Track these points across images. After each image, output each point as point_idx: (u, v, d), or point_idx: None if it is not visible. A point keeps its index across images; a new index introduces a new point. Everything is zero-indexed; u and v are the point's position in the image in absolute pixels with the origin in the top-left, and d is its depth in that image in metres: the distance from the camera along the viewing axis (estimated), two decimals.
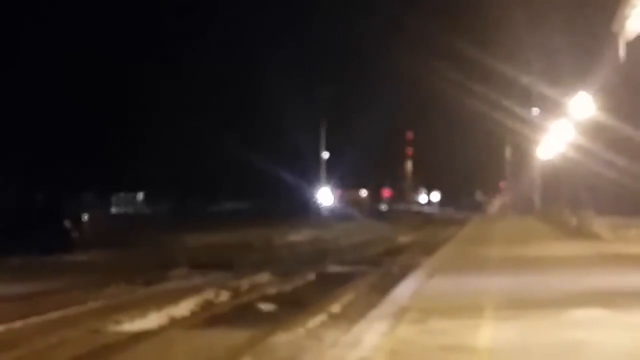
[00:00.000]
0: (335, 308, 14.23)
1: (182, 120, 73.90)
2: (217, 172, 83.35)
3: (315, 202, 76.65)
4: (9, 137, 55.95)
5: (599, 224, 30.69)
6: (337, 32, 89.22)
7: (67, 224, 29.98)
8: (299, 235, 39.39)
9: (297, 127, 78.89)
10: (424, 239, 36.34)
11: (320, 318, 13.05)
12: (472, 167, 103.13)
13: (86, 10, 59.12)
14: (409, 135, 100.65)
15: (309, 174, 77.63)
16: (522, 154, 69.75)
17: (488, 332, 9.41)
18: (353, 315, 12.82)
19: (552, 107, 37.81)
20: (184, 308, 14.44)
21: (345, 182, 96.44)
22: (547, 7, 38.58)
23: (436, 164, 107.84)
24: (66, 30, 57.84)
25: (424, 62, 63.37)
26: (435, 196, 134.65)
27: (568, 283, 14.18)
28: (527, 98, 48.73)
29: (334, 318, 13.16)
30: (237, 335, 11.75)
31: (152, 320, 13.21)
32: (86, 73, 60.76)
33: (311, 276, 20.03)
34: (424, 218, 69.67)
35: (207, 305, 15.05)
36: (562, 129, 34.51)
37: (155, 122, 71.52)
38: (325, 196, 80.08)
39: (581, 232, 30.75)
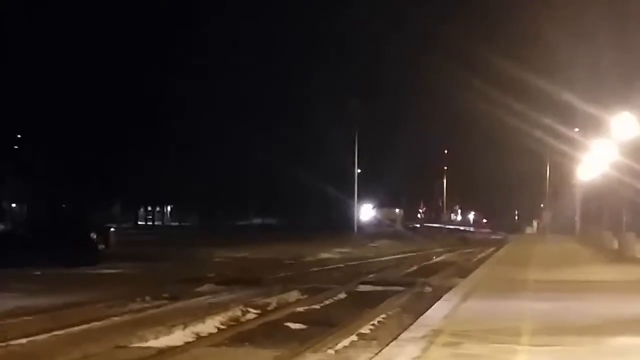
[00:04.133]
0: (366, 329, 13.95)
1: (211, 133, 74.21)
2: (246, 186, 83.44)
3: (348, 219, 76.26)
4: (38, 149, 56.42)
5: None
6: (371, 48, 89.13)
7: (94, 236, 29.95)
8: (330, 253, 39.10)
9: (332, 142, 78.83)
10: (458, 260, 35.91)
11: (350, 339, 12.79)
12: (510, 187, 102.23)
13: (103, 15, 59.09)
14: (445, 152, 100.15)
15: (343, 190, 77.31)
16: (563, 173, 68.94)
17: (524, 359, 9.19)
18: (384, 336, 12.67)
19: (594, 126, 37.23)
20: (210, 325, 14.23)
21: (380, 199, 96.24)
22: (591, 21, 38.05)
23: (473, 183, 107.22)
24: (91, 37, 58.05)
25: (461, 78, 62.94)
26: (471, 215, 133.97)
27: (608, 309, 13.88)
28: (569, 116, 48.09)
29: (364, 339, 12.90)
30: (264, 355, 11.53)
31: (178, 336, 13.03)
32: (115, 84, 61.01)
33: (342, 295, 19.71)
34: (459, 237, 69.02)
35: (234, 322, 14.84)
36: (605, 148, 33.89)
37: (184, 135, 71.86)
38: (358, 213, 79.63)
39: (623, 256, 30.17)
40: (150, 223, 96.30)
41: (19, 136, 60.63)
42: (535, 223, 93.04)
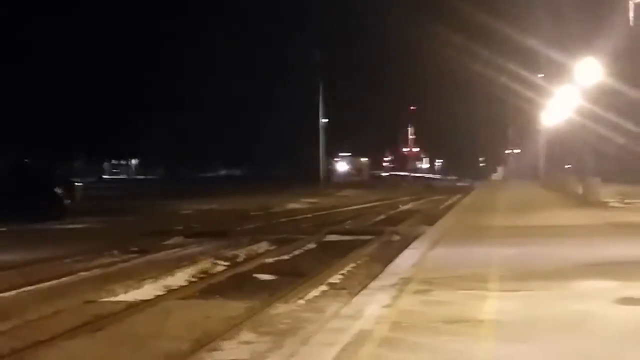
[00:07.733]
0: (335, 278, 13.99)
1: (178, 86, 73.86)
2: (214, 137, 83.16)
3: (315, 170, 76.38)
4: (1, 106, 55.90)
5: (606, 192, 30.36)
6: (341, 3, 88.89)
7: (59, 190, 29.62)
8: (298, 203, 39.11)
9: (298, 94, 78.66)
10: (425, 207, 36.11)
11: (320, 289, 12.83)
12: (476, 134, 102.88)
13: None
14: (411, 103, 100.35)
15: (310, 141, 77.32)
16: (528, 120, 69.43)
17: (493, 304, 9.24)
18: (354, 286, 12.74)
19: (558, 72, 37.39)
20: (179, 278, 14.24)
21: (347, 149, 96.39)
22: None
23: (439, 132, 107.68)
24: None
25: (429, 28, 62.89)
26: (438, 164, 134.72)
27: (574, 253, 14.00)
28: (533, 62, 48.26)
29: (335, 289, 12.93)
30: (234, 306, 11.48)
31: (147, 290, 13.03)
32: (83, 42, 60.45)
33: (310, 245, 19.75)
34: (425, 185, 69.42)
35: (204, 274, 14.83)
36: (569, 94, 34.06)
37: (151, 89, 71.47)
38: (325, 164, 79.76)
39: (587, 201, 30.45)
40: (116, 177, 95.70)
41: None
42: (500, 169, 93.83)
